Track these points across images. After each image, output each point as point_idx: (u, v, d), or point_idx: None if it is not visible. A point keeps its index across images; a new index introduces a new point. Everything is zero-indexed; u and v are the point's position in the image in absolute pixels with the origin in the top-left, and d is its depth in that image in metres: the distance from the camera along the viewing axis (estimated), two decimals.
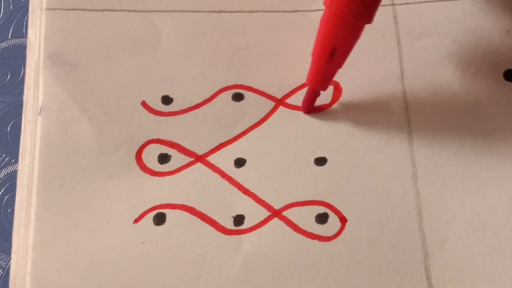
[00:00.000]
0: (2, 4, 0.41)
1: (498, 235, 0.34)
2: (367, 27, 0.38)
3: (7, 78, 0.39)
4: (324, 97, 0.37)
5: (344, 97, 0.37)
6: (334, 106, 0.37)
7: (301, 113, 0.37)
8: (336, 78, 0.37)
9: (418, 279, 0.33)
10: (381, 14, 0.38)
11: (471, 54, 0.38)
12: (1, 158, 0.37)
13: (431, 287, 0.33)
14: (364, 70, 0.37)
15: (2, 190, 0.37)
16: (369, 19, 0.32)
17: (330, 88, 0.37)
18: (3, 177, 0.37)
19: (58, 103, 0.36)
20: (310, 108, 0.36)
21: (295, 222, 0.34)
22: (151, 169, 0.35)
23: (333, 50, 0.33)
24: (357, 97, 0.37)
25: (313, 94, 0.35)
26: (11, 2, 0.41)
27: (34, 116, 0.36)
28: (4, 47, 0.40)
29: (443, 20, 0.38)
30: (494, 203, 0.35)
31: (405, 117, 0.36)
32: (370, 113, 0.37)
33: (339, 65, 0.34)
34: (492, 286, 0.33)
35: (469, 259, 0.33)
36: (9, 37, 0.40)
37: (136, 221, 0.34)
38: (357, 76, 0.37)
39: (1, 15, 0.41)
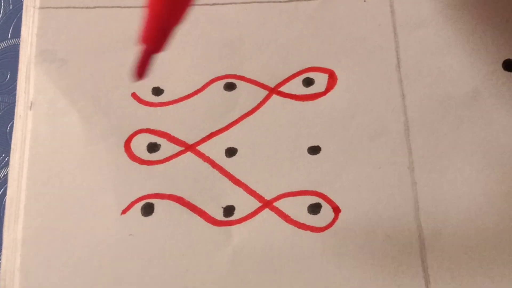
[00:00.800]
0: (2, 4, 0.41)
1: (497, 226, 0.33)
2: (364, 16, 0.38)
3: (6, 78, 0.39)
4: (319, 85, 0.36)
5: (339, 85, 0.36)
6: (329, 94, 0.36)
7: (294, 101, 0.36)
8: (331, 66, 0.37)
9: (414, 270, 0.32)
10: (378, 3, 0.38)
11: (469, 44, 0.37)
12: (1, 158, 0.37)
13: (428, 278, 0.32)
14: (360, 59, 0.37)
15: (1, 190, 0.36)
16: None
17: (325, 77, 0.37)
18: (2, 177, 0.36)
19: (48, 97, 0.36)
20: (144, 72, 0.29)
21: (286, 213, 0.33)
22: (139, 158, 0.34)
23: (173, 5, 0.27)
24: (352, 86, 0.36)
25: (148, 56, 0.29)
26: (11, 2, 0.41)
27: (25, 111, 0.36)
28: (4, 47, 0.40)
29: (440, 9, 0.37)
30: (492, 193, 0.33)
31: (402, 106, 0.36)
32: (366, 102, 0.36)
33: (177, 20, 0.28)
34: (489, 277, 0.32)
35: (466, 249, 0.32)
36: (9, 36, 0.40)
37: (124, 212, 0.33)
38: (352, 65, 0.37)
39: (1, 15, 0.41)
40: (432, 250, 0.32)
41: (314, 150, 0.35)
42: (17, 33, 0.40)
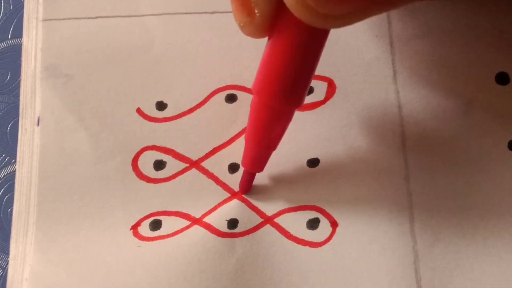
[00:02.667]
0: (2, 4, 0.41)
1: (487, 240, 0.34)
2: (361, 27, 0.38)
3: (7, 78, 0.39)
4: (318, 94, 0.37)
5: (338, 94, 0.37)
6: (328, 103, 0.37)
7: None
8: (330, 75, 0.37)
9: (407, 281, 0.33)
10: None
11: (464, 55, 0.37)
12: (1, 158, 0.38)
13: None
14: (358, 70, 0.37)
15: (2, 190, 0.37)
16: (299, 103, 0.31)
17: (324, 85, 0.37)
18: (3, 177, 0.37)
19: (55, 113, 0.36)
20: (249, 189, 0.35)
21: (286, 229, 0.34)
22: (147, 176, 0.35)
23: (267, 137, 0.32)
24: (351, 96, 0.37)
25: (250, 176, 0.34)
26: (11, 2, 0.41)
27: (31, 126, 0.36)
28: (4, 47, 0.40)
29: (436, 20, 0.38)
30: (483, 207, 0.35)
31: (398, 117, 0.36)
32: (364, 112, 0.37)
33: (274, 148, 0.33)
34: None
35: (458, 262, 0.34)
36: (9, 37, 0.40)
37: (132, 228, 0.34)
38: (351, 75, 0.37)
39: (1, 15, 0.41)
40: (425, 261, 0.34)
41: (313, 162, 0.36)
42: (17, 33, 0.40)
